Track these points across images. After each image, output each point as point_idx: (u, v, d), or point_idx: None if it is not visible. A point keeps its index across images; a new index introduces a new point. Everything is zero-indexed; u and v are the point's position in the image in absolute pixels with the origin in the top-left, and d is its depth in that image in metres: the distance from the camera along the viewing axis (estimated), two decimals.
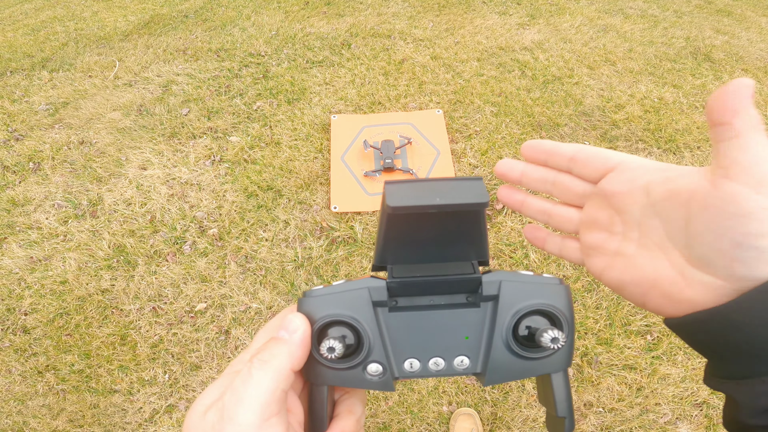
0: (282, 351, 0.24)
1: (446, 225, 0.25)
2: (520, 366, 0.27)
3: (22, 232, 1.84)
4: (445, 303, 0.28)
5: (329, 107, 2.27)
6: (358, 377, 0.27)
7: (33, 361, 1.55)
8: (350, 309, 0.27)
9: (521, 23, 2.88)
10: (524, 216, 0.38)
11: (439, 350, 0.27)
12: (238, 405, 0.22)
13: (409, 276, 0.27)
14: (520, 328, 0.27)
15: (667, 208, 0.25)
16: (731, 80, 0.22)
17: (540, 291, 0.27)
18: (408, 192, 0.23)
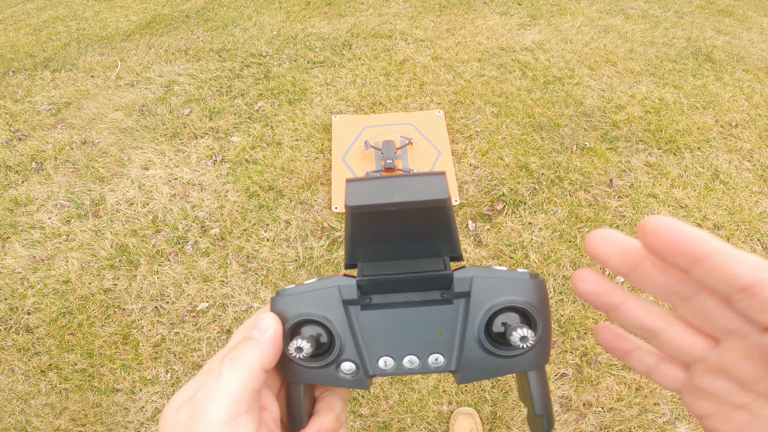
0: (252, 350, 0.25)
1: (412, 222, 0.24)
2: (494, 364, 0.26)
3: (25, 232, 1.85)
4: (419, 300, 0.27)
5: (330, 108, 2.28)
6: (331, 376, 0.27)
7: (36, 360, 1.56)
8: (321, 308, 0.27)
9: (522, 24, 2.89)
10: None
11: (413, 348, 0.27)
12: (208, 402, 0.23)
13: (378, 274, 0.27)
14: (494, 325, 0.26)
15: None
16: None
17: (512, 287, 0.26)
18: (368, 190, 0.22)
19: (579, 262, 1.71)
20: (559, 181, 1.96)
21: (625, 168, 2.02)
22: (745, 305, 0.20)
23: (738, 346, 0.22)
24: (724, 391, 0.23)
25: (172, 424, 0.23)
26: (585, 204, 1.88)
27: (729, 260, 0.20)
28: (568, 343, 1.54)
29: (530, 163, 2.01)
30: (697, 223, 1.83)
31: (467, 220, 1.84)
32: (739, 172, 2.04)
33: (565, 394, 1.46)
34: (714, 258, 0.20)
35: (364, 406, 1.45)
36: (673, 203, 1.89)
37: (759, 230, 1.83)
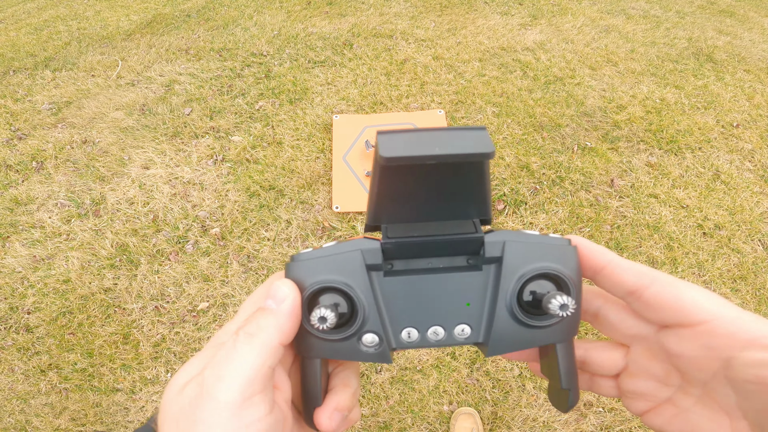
0: (270, 323, 0.22)
1: (446, 179, 0.22)
2: (525, 335, 0.25)
3: (25, 231, 1.85)
4: (444, 266, 0.26)
5: (331, 107, 2.27)
6: (352, 349, 0.25)
7: (36, 359, 1.56)
8: (342, 274, 0.24)
9: (523, 23, 2.88)
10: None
11: (439, 318, 0.25)
12: (219, 382, 0.21)
13: (405, 236, 0.25)
14: (525, 294, 0.25)
15: (751, 391, 0.21)
16: None
17: (547, 253, 0.25)
18: (404, 142, 0.20)
19: None
20: (560, 181, 1.95)
21: (626, 168, 2.02)
22: (636, 307, 0.24)
23: (643, 348, 0.26)
24: (649, 390, 0.26)
25: (175, 404, 0.21)
26: (586, 204, 1.88)
27: (617, 269, 0.24)
28: None
29: (531, 163, 2.01)
30: (698, 223, 1.83)
31: None
32: (740, 172, 2.03)
33: None
34: (607, 268, 0.24)
35: (364, 406, 1.44)
36: (674, 203, 1.89)
37: (760, 230, 1.83)
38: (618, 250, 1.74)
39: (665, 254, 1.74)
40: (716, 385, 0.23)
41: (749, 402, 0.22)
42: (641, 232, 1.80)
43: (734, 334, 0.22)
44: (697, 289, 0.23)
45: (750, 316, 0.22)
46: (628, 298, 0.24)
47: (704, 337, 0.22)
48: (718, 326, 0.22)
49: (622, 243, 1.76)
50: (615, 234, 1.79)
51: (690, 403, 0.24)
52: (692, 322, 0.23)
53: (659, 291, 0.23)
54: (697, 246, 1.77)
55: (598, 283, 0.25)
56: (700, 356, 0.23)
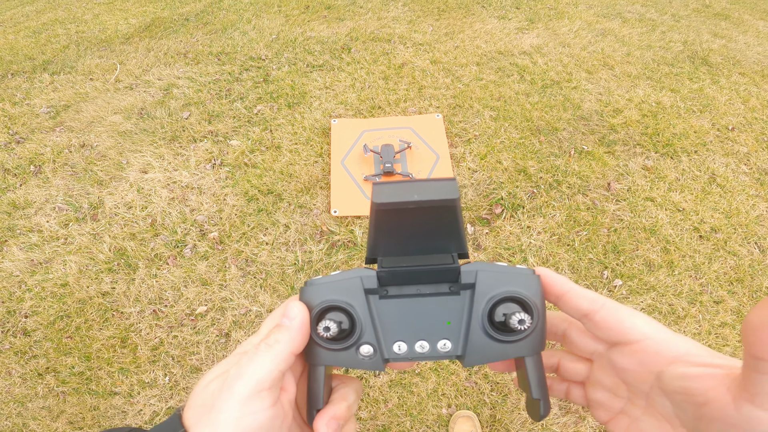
0: (284, 336, 0.28)
1: (426, 220, 0.27)
2: (496, 349, 0.29)
3: (23, 235, 1.85)
4: (430, 292, 0.31)
5: (329, 111, 2.28)
6: (351, 357, 0.29)
7: (33, 363, 1.55)
8: (345, 295, 0.30)
9: (520, 27, 2.90)
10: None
11: (424, 334, 0.30)
12: (238, 378, 0.26)
13: (396, 266, 0.30)
14: (496, 314, 0.29)
15: (680, 400, 0.25)
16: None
17: (513, 279, 0.30)
18: (391, 191, 0.26)
19: (577, 265, 1.72)
20: (558, 184, 1.96)
21: (622, 172, 2.03)
22: (589, 327, 0.29)
23: (599, 363, 0.30)
24: (606, 400, 0.30)
25: (202, 394, 0.27)
26: (583, 208, 1.89)
27: (575, 296, 0.29)
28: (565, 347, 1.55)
29: (528, 167, 2.02)
30: (695, 226, 1.84)
31: (466, 223, 1.85)
32: (735, 175, 2.05)
33: None
34: (566, 295, 0.29)
35: (363, 410, 1.45)
36: (671, 207, 1.90)
37: (756, 233, 1.84)
38: (615, 253, 1.75)
39: (662, 257, 1.75)
40: (655, 396, 0.27)
41: (682, 411, 0.25)
42: (638, 235, 1.81)
43: (663, 352, 0.26)
44: (638, 314, 0.28)
45: (678, 338, 0.27)
46: (584, 320, 0.29)
47: (639, 353, 0.27)
48: (650, 345, 0.26)
49: (619, 246, 1.77)
50: (612, 237, 1.80)
51: (639, 413, 0.28)
52: (630, 340, 0.27)
53: (606, 315, 0.28)
54: (693, 249, 1.78)
55: (561, 308, 0.30)
56: (638, 370, 0.27)
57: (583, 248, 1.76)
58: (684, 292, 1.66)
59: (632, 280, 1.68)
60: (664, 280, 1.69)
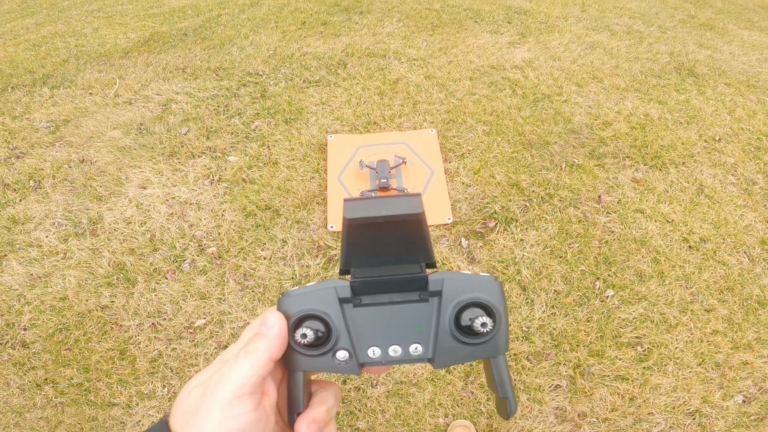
0: (262, 344, 0.29)
1: (394, 233, 0.29)
2: (463, 351, 0.32)
3: (22, 250, 1.86)
4: (401, 300, 0.33)
5: (326, 127, 2.32)
6: (328, 363, 0.32)
7: (32, 374, 1.57)
8: (320, 304, 0.32)
9: (512, 42, 2.97)
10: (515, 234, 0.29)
11: (397, 339, 0.32)
12: (220, 384, 0.28)
13: (368, 276, 0.32)
14: (462, 319, 0.31)
15: None
16: None
17: (476, 286, 0.32)
18: (361, 207, 0.28)
19: (570, 276, 1.75)
20: (549, 198, 2.01)
21: (612, 184, 2.07)
22: None
23: None
24: None
25: (186, 400, 0.28)
26: (575, 220, 1.93)
27: None
28: (561, 356, 1.57)
29: (521, 180, 2.06)
30: (684, 237, 1.88)
31: (460, 237, 1.88)
32: (723, 186, 2.10)
33: (560, 405, 1.49)
34: None
35: (361, 420, 1.46)
36: (660, 218, 1.95)
37: (745, 243, 1.88)
38: (606, 264, 1.79)
39: (652, 267, 1.79)
40: None
41: None
42: (629, 246, 1.85)
43: None
44: None
45: None
46: None
47: None
48: None
49: (610, 258, 1.81)
50: (603, 249, 1.84)
51: None
52: None
53: None
54: (683, 259, 1.82)
55: None
56: None
57: (576, 260, 1.80)
58: (675, 301, 1.69)
59: (624, 290, 1.72)
60: (655, 290, 1.72)
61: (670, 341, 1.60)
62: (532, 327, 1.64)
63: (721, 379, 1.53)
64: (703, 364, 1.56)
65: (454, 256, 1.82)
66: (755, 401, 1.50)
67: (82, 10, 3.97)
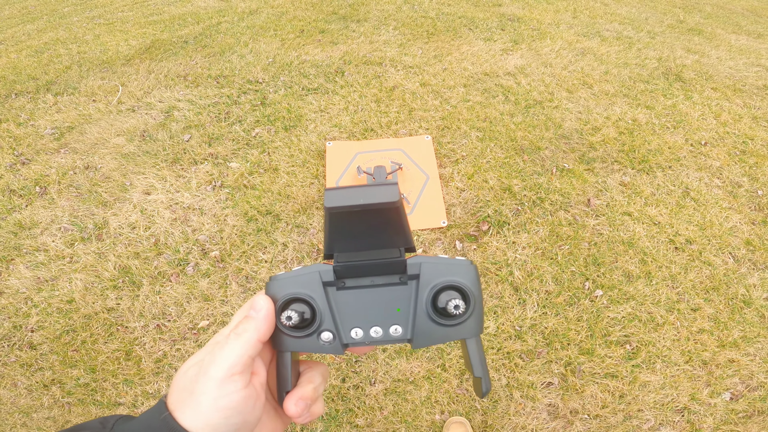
0: (251, 326, 0.31)
1: (374, 219, 0.30)
2: (439, 332, 0.33)
3: (29, 254, 1.90)
4: (383, 283, 0.34)
5: (324, 134, 2.37)
6: (313, 343, 0.33)
7: (39, 375, 1.60)
8: (305, 288, 0.33)
9: (505, 49, 3.03)
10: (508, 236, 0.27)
11: (378, 321, 0.34)
12: (212, 364, 0.30)
13: (349, 261, 0.34)
14: (439, 301, 0.33)
15: None
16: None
17: (452, 270, 0.34)
18: (340, 196, 0.29)
19: (560, 277, 1.81)
20: (541, 202, 2.06)
21: (601, 188, 2.13)
22: None
23: None
24: None
25: (182, 380, 0.31)
26: (565, 223, 1.99)
27: None
28: (552, 354, 1.62)
29: (513, 185, 2.12)
30: (670, 238, 1.94)
31: (455, 240, 1.94)
32: (709, 189, 2.15)
33: (552, 402, 1.53)
34: None
35: (359, 417, 1.51)
36: (647, 220, 2.01)
37: (730, 244, 1.93)
38: (596, 265, 1.84)
39: (640, 268, 1.84)
40: None
41: None
42: (617, 248, 1.90)
43: None
44: None
45: None
46: None
47: None
48: None
49: (599, 259, 1.86)
50: (592, 251, 1.90)
51: None
52: None
53: None
54: (669, 260, 1.86)
55: None
56: None
57: (566, 261, 1.86)
58: (662, 301, 1.74)
59: (612, 290, 1.76)
60: (642, 290, 1.76)
61: (658, 340, 1.63)
62: (524, 326, 1.68)
63: (709, 377, 1.56)
64: (691, 362, 1.59)
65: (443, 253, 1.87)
66: (742, 398, 1.52)
67: (82, 17, 4.01)
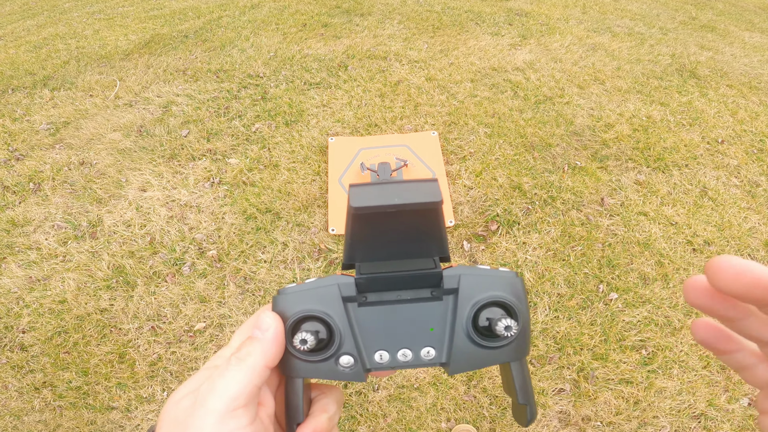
0: (256, 349, 0.26)
1: (407, 223, 0.26)
2: (481, 355, 0.28)
3: (21, 253, 1.86)
4: (411, 297, 0.29)
5: (326, 129, 2.31)
6: (331, 369, 0.28)
7: (30, 377, 1.55)
8: (321, 304, 0.28)
9: (513, 44, 2.96)
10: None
11: (407, 342, 0.29)
12: (210, 394, 0.25)
13: (375, 272, 0.29)
14: (480, 319, 0.28)
15: None
16: None
17: (496, 283, 0.29)
18: (370, 194, 0.25)
19: (573, 279, 1.74)
20: (552, 200, 1.99)
21: (615, 187, 2.06)
22: None
23: None
24: None
25: (171, 413, 0.25)
26: (577, 223, 1.92)
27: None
28: (564, 359, 1.56)
29: (523, 183, 2.05)
30: (688, 239, 1.87)
31: (462, 240, 1.87)
32: (726, 188, 2.09)
33: (564, 409, 1.48)
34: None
35: (362, 425, 1.45)
36: (664, 221, 1.93)
37: (749, 245, 1.87)
38: (610, 267, 1.78)
39: (656, 270, 1.77)
40: None
41: None
42: (632, 249, 1.83)
43: None
44: None
45: None
46: None
47: None
48: None
49: (613, 260, 1.79)
50: (606, 252, 1.82)
51: None
52: None
53: None
54: (687, 262, 1.81)
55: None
56: None
57: (579, 263, 1.79)
58: (679, 305, 1.68)
59: (627, 294, 1.71)
60: (659, 293, 1.71)
61: (675, 344, 1.59)
62: (535, 330, 1.62)
63: (727, 382, 1.52)
64: (708, 367, 1.55)
65: (456, 259, 1.80)
66: None
67: (83, 12, 3.97)
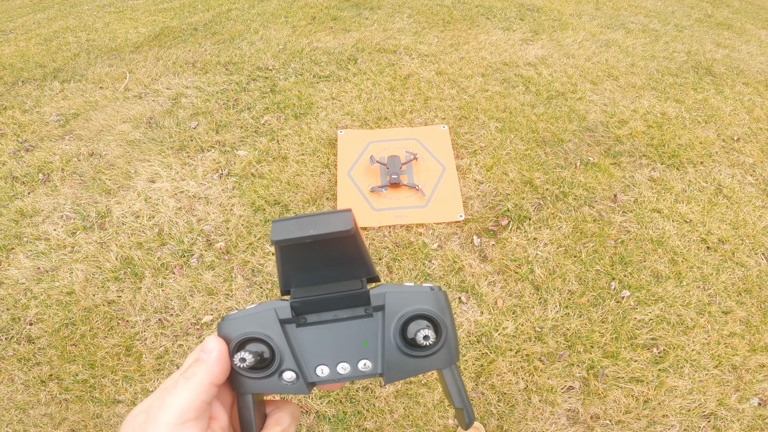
0: (201, 369, 0.29)
1: (328, 250, 0.28)
2: (411, 364, 0.31)
3: (30, 243, 1.86)
4: (347, 316, 0.32)
5: (336, 122, 2.30)
6: (275, 384, 0.31)
7: (36, 370, 1.55)
8: (260, 327, 0.31)
9: (525, 39, 2.93)
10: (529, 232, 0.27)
11: (345, 356, 0.31)
12: (161, 409, 0.27)
13: (307, 296, 0.31)
14: (408, 331, 0.31)
15: None
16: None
17: (420, 298, 0.31)
18: (288, 227, 0.27)
19: (584, 276, 1.71)
20: (564, 196, 1.97)
21: (629, 183, 2.03)
22: None
23: None
24: None
25: (129, 427, 0.28)
26: (590, 219, 1.89)
27: None
28: (574, 357, 1.54)
29: (534, 178, 2.02)
30: (702, 237, 1.84)
31: (472, 235, 1.85)
32: (742, 186, 2.05)
33: (573, 407, 1.46)
34: None
35: (368, 420, 1.44)
36: (678, 218, 1.90)
37: (763, 244, 1.84)
38: (622, 264, 1.75)
39: (670, 268, 1.74)
40: None
41: None
42: (645, 246, 1.80)
43: None
44: None
45: None
46: None
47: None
48: None
49: (626, 258, 1.76)
50: (619, 249, 1.79)
51: None
52: None
53: None
54: (701, 260, 1.77)
55: None
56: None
57: (590, 260, 1.76)
58: (692, 303, 1.65)
59: (640, 291, 1.68)
60: (672, 291, 1.68)
61: (687, 343, 1.57)
62: (545, 327, 1.60)
63: (738, 382, 1.51)
64: (720, 367, 1.53)
65: (465, 254, 1.78)
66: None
67: (93, 5, 3.98)
